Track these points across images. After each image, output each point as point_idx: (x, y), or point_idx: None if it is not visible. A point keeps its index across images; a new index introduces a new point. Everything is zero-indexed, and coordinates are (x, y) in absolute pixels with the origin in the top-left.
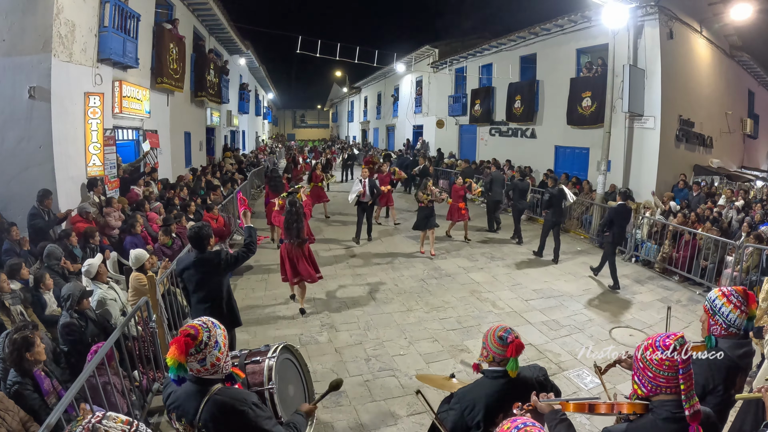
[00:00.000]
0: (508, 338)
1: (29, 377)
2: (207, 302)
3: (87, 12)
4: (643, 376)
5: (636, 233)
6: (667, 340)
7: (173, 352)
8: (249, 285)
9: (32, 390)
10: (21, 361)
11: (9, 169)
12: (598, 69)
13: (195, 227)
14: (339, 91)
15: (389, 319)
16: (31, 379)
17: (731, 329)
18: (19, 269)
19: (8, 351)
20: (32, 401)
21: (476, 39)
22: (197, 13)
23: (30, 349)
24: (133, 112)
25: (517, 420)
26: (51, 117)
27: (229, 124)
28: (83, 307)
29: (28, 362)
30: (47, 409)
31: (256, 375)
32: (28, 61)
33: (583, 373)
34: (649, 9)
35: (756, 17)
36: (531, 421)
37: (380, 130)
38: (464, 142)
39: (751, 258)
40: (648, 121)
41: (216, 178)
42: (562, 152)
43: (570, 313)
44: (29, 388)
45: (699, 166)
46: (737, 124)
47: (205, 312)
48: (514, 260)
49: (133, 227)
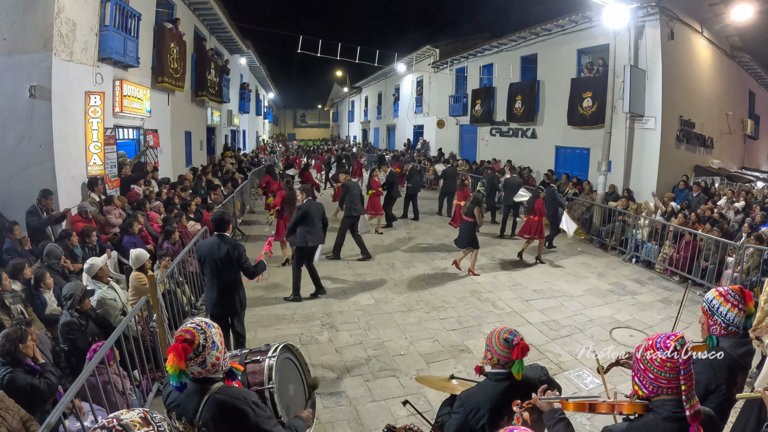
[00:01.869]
0: (513, 341)
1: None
2: (221, 286)
3: (88, 11)
4: (644, 377)
5: (636, 234)
6: (668, 340)
7: (172, 359)
8: (249, 285)
9: (23, 372)
10: (15, 351)
11: (9, 168)
12: (598, 69)
13: (218, 212)
14: (340, 91)
15: (389, 319)
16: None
17: (731, 328)
18: (22, 269)
19: (2, 342)
20: (25, 380)
21: (477, 39)
22: (198, 12)
23: (24, 341)
24: (133, 111)
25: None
26: (51, 116)
27: (230, 123)
28: (84, 306)
29: (21, 353)
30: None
31: (257, 374)
32: (28, 60)
33: (584, 373)
34: (650, 9)
35: (757, 18)
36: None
37: (381, 130)
38: (465, 142)
39: (751, 259)
40: (649, 121)
41: (217, 178)
42: (563, 152)
43: (570, 314)
44: (20, 372)
45: (699, 166)
46: (738, 125)
47: (218, 294)
48: (515, 261)
49: (131, 226)
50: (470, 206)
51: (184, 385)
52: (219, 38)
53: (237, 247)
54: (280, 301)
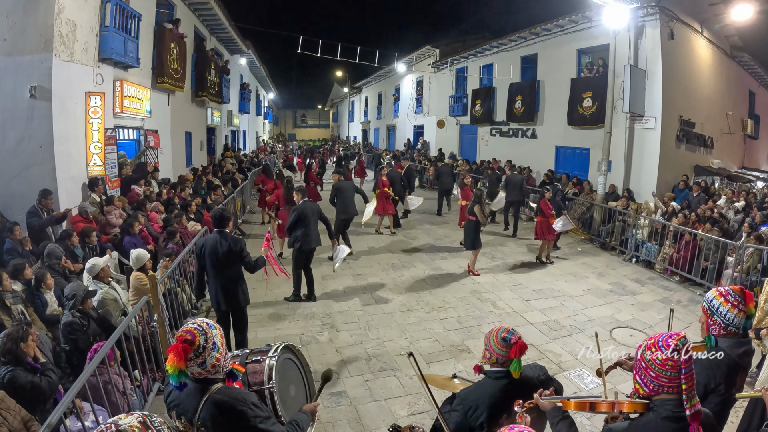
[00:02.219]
0: (511, 339)
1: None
2: (223, 281)
3: (88, 11)
4: (646, 375)
5: (636, 234)
6: (670, 340)
7: (172, 359)
8: (250, 285)
9: (23, 370)
10: (16, 350)
11: (10, 169)
12: (598, 69)
13: (218, 209)
14: (340, 91)
15: (390, 319)
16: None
17: (730, 328)
18: (22, 270)
19: (3, 341)
20: (26, 378)
21: (477, 39)
22: (198, 12)
23: (25, 340)
24: (134, 111)
25: (514, 428)
26: (52, 116)
27: (230, 123)
28: (86, 307)
29: (22, 352)
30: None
31: (257, 374)
32: (29, 61)
33: (584, 373)
34: (649, 9)
35: (757, 18)
36: (528, 430)
37: (381, 130)
38: (465, 142)
39: (751, 259)
40: (649, 121)
41: (217, 178)
42: (563, 152)
43: (570, 314)
44: (21, 371)
45: (699, 166)
46: (738, 125)
47: (222, 289)
48: (515, 260)
49: (131, 227)
50: (471, 205)
51: (183, 385)
52: (219, 38)
53: (238, 242)
54: (281, 302)
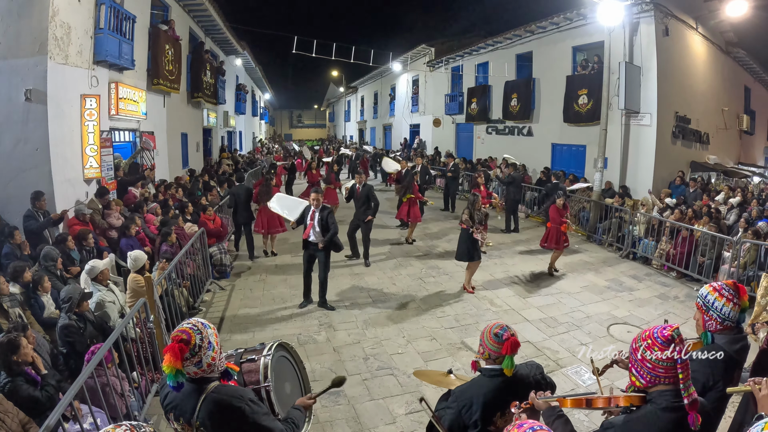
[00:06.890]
0: (503, 336)
1: (20, 375)
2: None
3: (82, 14)
4: (642, 367)
5: (633, 230)
6: (665, 331)
7: (168, 359)
8: (247, 285)
9: (24, 382)
10: (9, 364)
11: (6, 172)
12: (594, 66)
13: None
14: (335, 91)
15: (387, 318)
16: (22, 377)
17: (726, 322)
18: (22, 272)
19: None
20: (26, 391)
21: (472, 37)
22: (193, 14)
23: (16, 352)
24: (129, 113)
25: (524, 425)
26: (47, 119)
27: (226, 124)
28: (82, 309)
29: (17, 364)
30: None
31: (252, 373)
32: (24, 64)
33: (582, 369)
34: (644, 6)
35: (751, 13)
36: (539, 424)
37: (377, 130)
38: (461, 140)
39: (748, 254)
40: (644, 118)
41: (213, 180)
42: (559, 150)
43: (568, 311)
44: (21, 382)
45: (696, 162)
46: (733, 121)
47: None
48: (512, 258)
49: (128, 229)
50: (463, 211)
51: (180, 385)
52: (214, 39)
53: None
54: (278, 302)
